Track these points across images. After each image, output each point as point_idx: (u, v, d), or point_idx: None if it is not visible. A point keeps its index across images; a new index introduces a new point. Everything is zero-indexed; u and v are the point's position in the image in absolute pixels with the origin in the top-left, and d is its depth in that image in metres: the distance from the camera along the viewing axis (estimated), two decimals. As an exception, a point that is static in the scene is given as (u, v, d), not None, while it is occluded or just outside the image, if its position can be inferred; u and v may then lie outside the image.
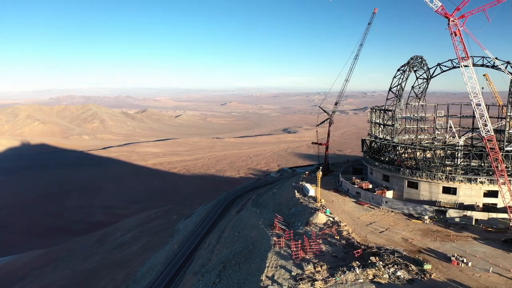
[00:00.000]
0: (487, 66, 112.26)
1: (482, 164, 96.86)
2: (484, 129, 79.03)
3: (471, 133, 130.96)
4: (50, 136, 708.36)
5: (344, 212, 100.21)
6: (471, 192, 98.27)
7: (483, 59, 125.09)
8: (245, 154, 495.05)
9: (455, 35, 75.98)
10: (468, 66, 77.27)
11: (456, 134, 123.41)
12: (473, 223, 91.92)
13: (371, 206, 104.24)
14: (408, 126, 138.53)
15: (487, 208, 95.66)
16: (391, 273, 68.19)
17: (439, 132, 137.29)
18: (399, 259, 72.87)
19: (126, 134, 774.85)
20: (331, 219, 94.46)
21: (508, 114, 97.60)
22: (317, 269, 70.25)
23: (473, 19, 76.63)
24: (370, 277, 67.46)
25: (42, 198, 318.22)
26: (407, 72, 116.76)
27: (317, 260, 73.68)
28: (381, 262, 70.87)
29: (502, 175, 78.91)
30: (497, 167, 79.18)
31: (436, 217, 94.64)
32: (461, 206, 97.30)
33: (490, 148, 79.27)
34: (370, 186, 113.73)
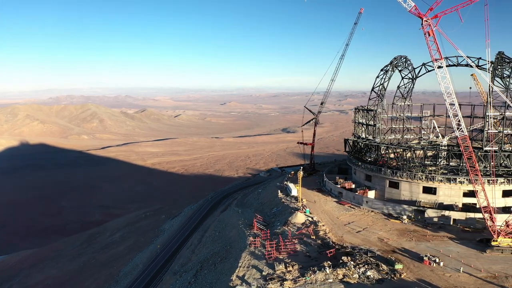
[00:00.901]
0: (471, 66, 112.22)
1: (461, 164, 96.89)
2: (458, 129, 79.09)
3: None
4: (49, 136, 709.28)
5: (324, 212, 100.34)
6: (450, 192, 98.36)
7: (468, 59, 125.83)
8: (244, 154, 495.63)
9: (429, 35, 76.05)
10: (442, 66, 77.36)
11: (440, 134, 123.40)
12: (451, 223, 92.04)
13: (352, 206, 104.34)
14: (394, 126, 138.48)
15: (467, 208, 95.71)
16: (361, 273, 68.32)
17: (425, 132, 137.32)
18: (372, 259, 73.03)
19: (125, 134, 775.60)
20: (310, 219, 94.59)
21: (487, 114, 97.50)
22: (288, 269, 70.37)
23: (447, 19, 76.70)
24: (340, 277, 67.61)
25: (40, 198, 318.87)
26: (389, 72, 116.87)
27: (290, 260, 73.81)
28: (352, 262, 71.01)
29: (477, 174, 78.91)
30: (471, 167, 79.21)
31: (414, 217, 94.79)
32: (441, 206, 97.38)
33: (464, 148, 79.33)
34: (353, 186, 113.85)
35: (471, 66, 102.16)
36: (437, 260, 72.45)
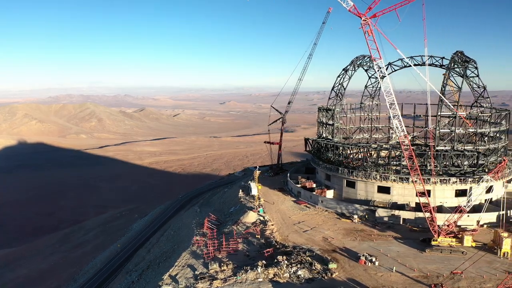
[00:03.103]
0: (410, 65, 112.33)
1: (413, 164, 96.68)
2: (398, 128, 79.07)
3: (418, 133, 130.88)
4: (47, 135, 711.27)
5: (278, 212, 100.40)
6: (404, 192, 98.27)
7: (431, 58, 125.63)
8: (242, 153, 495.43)
9: (368, 34, 76.00)
10: (381, 66, 77.38)
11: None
12: (401, 222, 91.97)
13: (308, 206, 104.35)
14: (363, 126, 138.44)
15: (418, 207, 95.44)
16: (292, 272, 68.53)
17: (393, 131, 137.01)
18: (308, 258, 73.08)
19: (123, 133, 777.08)
20: (261, 218, 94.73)
21: (438, 113, 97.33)
22: (222, 268, 70.60)
23: (386, 18, 76.69)
24: (271, 276, 67.85)
25: (36, 197, 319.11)
26: (350, 71, 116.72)
27: (227, 260, 74.05)
28: (286, 262, 71.17)
29: (416, 174, 78.94)
30: (411, 166, 79.22)
31: (366, 217, 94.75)
32: (394, 206, 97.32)
33: (404, 148, 79.34)
34: (314, 185, 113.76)
35: (410, 65, 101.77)
36: (373, 260, 72.48)
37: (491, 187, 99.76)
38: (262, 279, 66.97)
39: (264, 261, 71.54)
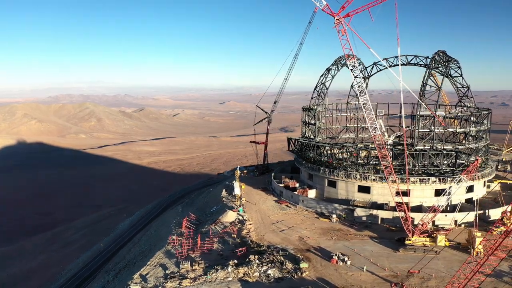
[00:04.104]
0: (408, 64, 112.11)
1: (392, 163, 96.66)
2: (371, 128, 79.05)
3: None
4: (47, 135, 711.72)
5: (258, 211, 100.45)
6: (384, 191, 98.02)
7: (415, 58, 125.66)
8: (241, 153, 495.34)
9: (342, 34, 76.00)
10: (354, 65, 77.35)
11: (386, 133, 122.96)
12: (379, 222, 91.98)
13: (289, 205, 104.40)
14: (349, 125, 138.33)
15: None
16: (262, 271, 68.58)
17: (381, 131, 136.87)
18: (281, 258, 73.14)
19: (123, 133, 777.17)
20: (240, 217, 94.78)
21: (417, 113, 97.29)
22: (194, 268, 70.66)
23: (359, 18, 76.66)
24: (240, 275, 67.91)
25: (34, 197, 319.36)
26: (333, 71, 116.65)
27: (200, 259, 74.07)
28: (257, 261, 71.23)
29: (390, 173, 78.92)
30: (386, 166, 79.22)
31: (344, 216, 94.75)
32: (374, 205, 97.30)
33: (378, 147, 79.32)
34: (297, 185, 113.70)
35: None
36: (346, 259, 72.51)
37: (471, 186, 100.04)
38: (232, 279, 67.03)
39: (235, 261, 71.62)
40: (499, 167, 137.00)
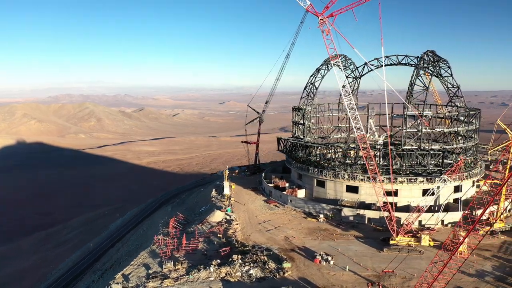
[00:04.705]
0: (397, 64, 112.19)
1: (379, 163, 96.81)
2: (355, 128, 79.09)
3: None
4: (46, 134, 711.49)
5: (246, 211, 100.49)
6: (372, 191, 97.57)
7: (406, 58, 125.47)
8: (241, 153, 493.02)
9: (326, 33, 76.01)
10: (338, 65, 77.40)
11: (376, 133, 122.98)
12: (366, 221, 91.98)
13: (277, 205, 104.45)
14: (341, 125, 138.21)
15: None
16: (244, 271, 68.64)
17: (371, 131, 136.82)
18: (265, 258, 73.13)
19: (122, 133, 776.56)
20: (227, 217, 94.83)
21: (405, 114, 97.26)
22: (176, 268, 70.76)
23: (343, 18, 76.66)
24: (222, 275, 67.99)
25: (34, 197, 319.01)
26: (323, 70, 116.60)
27: (184, 259, 74.18)
28: (240, 261, 71.30)
29: (375, 173, 78.93)
30: (370, 166, 79.23)
31: (332, 216, 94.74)
32: (362, 205, 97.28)
33: (363, 147, 79.34)
34: (287, 184, 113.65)
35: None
36: (329, 259, 72.56)
37: (459, 186, 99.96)
38: (214, 278, 67.10)
39: (218, 260, 71.71)
40: (491, 167, 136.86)
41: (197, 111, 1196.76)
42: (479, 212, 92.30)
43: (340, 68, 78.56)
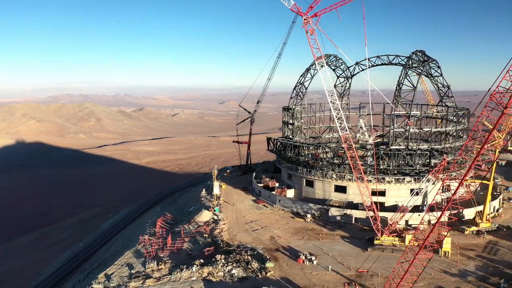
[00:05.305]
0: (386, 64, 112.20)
1: (367, 163, 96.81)
2: (339, 127, 79.08)
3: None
4: (46, 134, 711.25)
5: (234, 211, 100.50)
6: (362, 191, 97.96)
7: (397, 58, 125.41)
8: (240, 153, 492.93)
9: (310, 33, 76.00)
10: (323, 65, 77.39)
11: (366, 133, 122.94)
12: (353, 221, 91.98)
13: (266, 205, 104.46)
14: (333, 125, 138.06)
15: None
16: (226, 271, 68.65)
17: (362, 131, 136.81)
18: (248, 257, 73.15)
19: (122, 133, 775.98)
20: (214, 217, 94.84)
21: (392, 113, 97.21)
22: (160, 267, 70.77)
23: (327, 18, 76.64)
24: (205, 275, 68.03)
25: (34, 197, 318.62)
26: (312, 70, 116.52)
27: (168, 259, 74.18)
28: (223, 260, 71.32)
29: (360, 173, 78.96)
30: (354, 166, 79.24)
31: (319, 216, 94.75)
32: (350, 205, 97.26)
33: (348, 147, 79.34)
34: (277, 184, 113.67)
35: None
36: (313, 259, 72.57)
37: (448, 186, 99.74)
38: (196, 278, 67.14)
39: (202, 260, 71.75)
40: (482, 167, 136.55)
41: (197, 111, 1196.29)
42: (466, 212, 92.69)
43: (324, 68, 78.42)
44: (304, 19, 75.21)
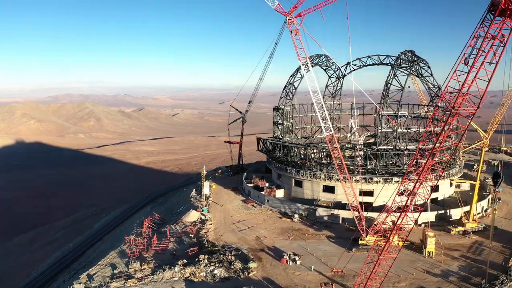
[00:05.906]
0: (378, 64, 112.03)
1: (355, 163, 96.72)
2: (324, 128, 79.01)
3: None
4: (45, 134, 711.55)
5: (222, 211, 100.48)
6: (348, 191, 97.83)
7: (388, 58, 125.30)
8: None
9: (294, 33, 75.93)
10: (307, 65, 77.34)
11: (357, 133, 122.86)
12: (340, 221, 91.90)
13: (255, 205, 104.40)
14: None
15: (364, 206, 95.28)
16: (209, 271, 68.63)
17: (354, 131, 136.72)
18: (232, 257, 73.11)
19: (122, 133, 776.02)
20: (202, 217, 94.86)
21: (380, 113, 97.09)
22: (143, 267, 70.78)
23: (312, 18, 76.52)
24: (187, 275, 67.99)
25: (33, 197, 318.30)
26: (302, 71, 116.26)
27: (151, 259, 74.24)
28: (206, 261, 71.32)
29: (344, 173, 78.85)
30: (339, 166, 79.14)
31: (306, 216, 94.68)
32: (338, 205, 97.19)
33: (332, 148, 79.22)
34: (267, 184, 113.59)
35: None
36: (296, 259, 72.54)
37: (436, 186, 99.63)
38: (178, 278, 67.13)
39: (185, 260, 71.76)
40: (474, 167, 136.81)
41: (197, 111, 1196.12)
42: (453, 212, 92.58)
43: (308, 69, 78.31)
44: (288, 19, 75.18)
